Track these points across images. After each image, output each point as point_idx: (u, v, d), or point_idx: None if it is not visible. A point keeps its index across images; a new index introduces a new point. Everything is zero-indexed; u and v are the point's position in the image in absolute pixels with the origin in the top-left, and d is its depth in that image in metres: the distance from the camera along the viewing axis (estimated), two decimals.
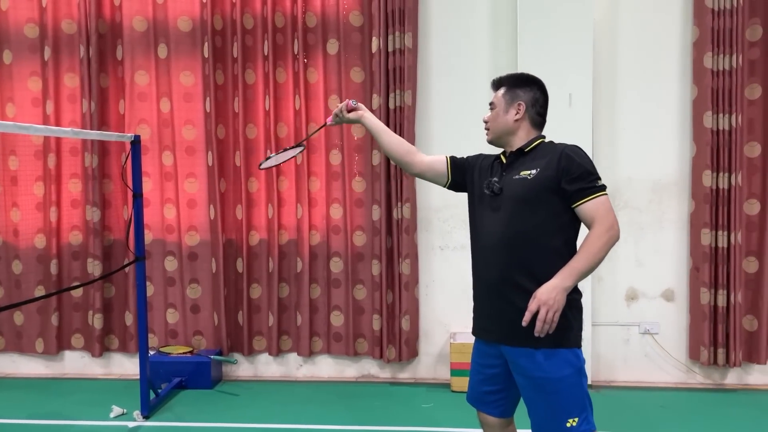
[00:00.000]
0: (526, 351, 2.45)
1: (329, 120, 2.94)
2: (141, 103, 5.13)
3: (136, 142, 4.39)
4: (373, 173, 4.96)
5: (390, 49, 4.83)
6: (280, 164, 3.28)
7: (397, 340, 4.97)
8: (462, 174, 2.79)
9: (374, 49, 4.85)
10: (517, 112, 2.59)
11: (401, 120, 4.84)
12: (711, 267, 4.72)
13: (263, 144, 5.05)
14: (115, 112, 5.18)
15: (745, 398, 4.73)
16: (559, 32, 4.69)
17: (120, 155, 5.13)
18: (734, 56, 4.59)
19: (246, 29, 5.04)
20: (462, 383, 4.77)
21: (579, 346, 2.49)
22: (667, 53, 4.85)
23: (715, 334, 4.75)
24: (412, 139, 4.87)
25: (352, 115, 2.89)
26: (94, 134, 4.47)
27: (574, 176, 2.40)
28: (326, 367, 5.20)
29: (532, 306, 2.32)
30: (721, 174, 4.67)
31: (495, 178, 2.58)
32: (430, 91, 5.00)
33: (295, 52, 4.99)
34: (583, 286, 2.52)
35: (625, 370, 4.99)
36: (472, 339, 4.88)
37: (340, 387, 5.03)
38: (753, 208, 4.77)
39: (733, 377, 4.91)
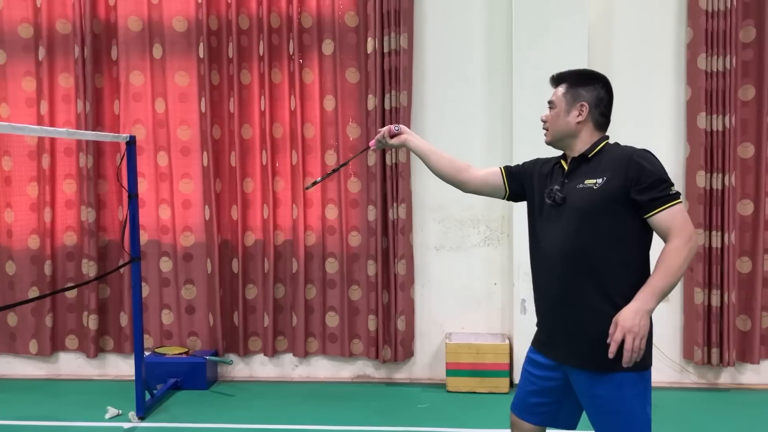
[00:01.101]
0: (597, 374, 2.29)
1: (372, 144, 2.82)
2: (136, 104, 5.12)
3: (131, 143, 4.38)
4: (369, 174, 4.96)
5: (385, 50, 4.84)
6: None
7: (393, 340, 4.98)
8: (520, 183, 2.61)
9: (370, 49, 4.85)
10: (580, 114, 2.40)
11: (397, 120, 4.84)
12: (705, 267, 4.75)
13: (258, 144, 5.05)
14: (110, 113, 5.17)
15: (738, 397, 4.76)
16: (554, 32, 4.71)
17: (115, 155, 5.12)
18: (728, 57, 4.62)
19: (241, 29, 5.04)
20: (457, 383, 4.80)
21: (648, 368, 2.32)
22: (661, 54, 4.87)
23: (709, 334, 4.77)
24: None
25: (395, 141, 2.74)
26: (90, 135, 4.46)
27: (645, 185, 2.22)
28: (322, 368, 5.21)
29: (617, 336, 2.15)
30: (714, 174, 4.70)
31: (557, 186, 2.40)
32: (426, 92, 5.01)
33: (291, 53, 4.99)
34: None
35: None
36: (467, 339, 4.96)
37: (335, 387, 5.03)
38: (746, 208, 4.80)
39: (726, 377, 4.94)
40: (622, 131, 4.87)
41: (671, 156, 4.89)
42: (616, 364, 2.21)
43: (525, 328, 4.83)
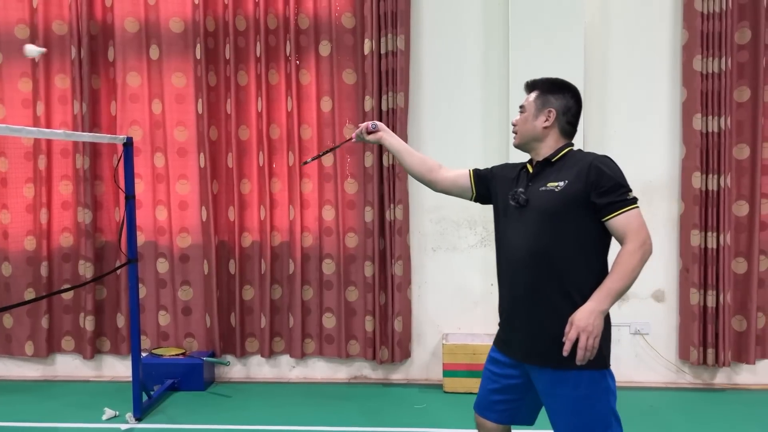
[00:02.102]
0: (555, 372, 2.37)
1: (354, 137, 2.91)
2: (133, 105, 5.12)
3: (128, 144, 4.38)
4: (366, 175, 4.97)
5: (382, 51, 4.84)
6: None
7: (390, 341, 4.98)
8: (486, 186, 2.71)
9: (366, 50, 4.86)
10: (547, 119, 2.49)
11: (394, 122, 4.85)
12: (700, 268, 4.77)
13: (255, 145, 5.05)
14: (106, 114, 5.16)
15: (734, 397, 4.78)
16: (550, 35, 4.72)
17: (111, 157, 5.11)
18: (723, 59, 4.64)
19: (238, 31, 5.04)
20: (454, 384, 4.81)
21: (607, 367, 2.40)
22: (656, 56, 4.89)
23: (705, 335, 4.79)
24: (404, 140, 4.86)
25: (371, 137, 2.85)
26: (87, 136, 4.46)
27: (604, 189, 2.31)
28: (319, 369, 5.21)
29: (571, 334, 2.23)
30: (710, 176, 4.71)
31: (521, 189, 2.48)
32: (423, 93, 5.02)
33: (288, 54, 4.99)
34: None
35: (615, 370, 4.91)
36: (464, 340, 4.96)
37: (332, 388, 5.04)
38: (742, 209, 4.82)
39: (722, 377, 4.96)
40: (619, 133, 4.94)
41: (667, 157, 4.91)
42: (575, 362, 2.27)
43: None
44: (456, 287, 5.07)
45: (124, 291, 5.11)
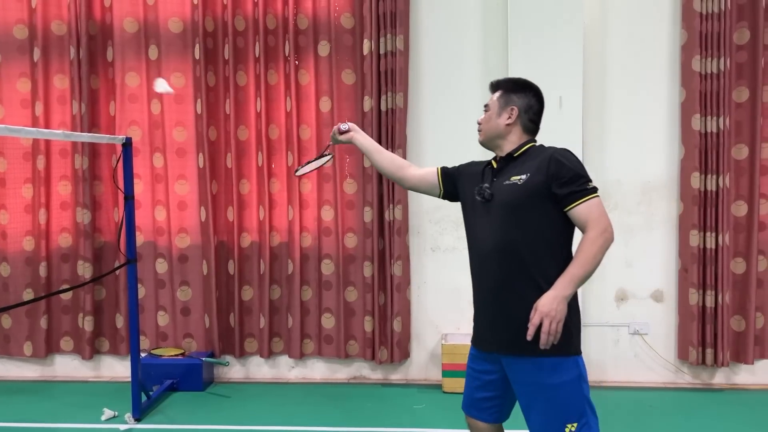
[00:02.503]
0: (524, 360, 2.43)
1: (330, 143, 3.05)
2: (131, 105, 5.12)
3: (127, 145, 4.38)
4: (365, 175, 4.97)
5: (381, 51, 4.84)
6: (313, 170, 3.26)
7: (389, 341, 4.98)
8: (453, 183, 2.80)
9: (366, 51, 4.86)
10: (509, 117, 2.59)
11: (393, 122, 4.85)
12: (699, 268, 4.77)
13: (254, 146, 5.05)
14: (105, 114, 5.16)
15: (732, 398, 4.78)
16: (550, 35, 4.73)
17: (110, 157, 5.11)
18: (722, 59, 4.64)
19: (237, 31, 5.04)
20: (453, 384, 4.81)
21: (579, 353, 2.47)
22: (655, 56, 4.89)
23: (704, 335, 4.80)
24: (403, 141, 4.89)
25: (343, 138, 2.96)
26: (86, 137, 4.46)
27: (563, 180, 2.39)
28: (318, 369, 5.21)
29: (534, 320, 2.30)
30: (709, 176, 4.72)
31: (486, 184, 2.57)
32: (422, 93, 5.02)
33: (287, 54, 4.99)
34: None
35: (615, 370, 5.03)
36: (463, 340, 4.96)
37: (331, 388, 5.04)
38: (740, 209, 4.83)
39: (721, 377, 4.96)
40: (618, 133, 4.94)
41: (666, 157, 4.91)
42: (550, 351, 2.34)
43: None
44: (455, 288, 5.06)
45: (123, 291, 5.11)
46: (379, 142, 4.89)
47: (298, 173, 3.16)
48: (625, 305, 4.99)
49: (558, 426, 2.41)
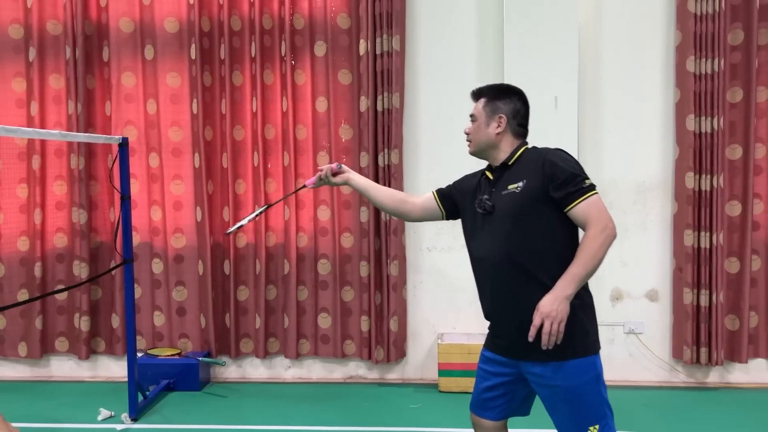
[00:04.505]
0: (543, 365, 2.43)
1: (309, 183, 2.92)
2: (127, 105, 5.11)
3: (124, 145, 4.37)
4: (361, 174, 4.96)
5: (378, 52, 4.85)
6: (243, 225, 3.14)
7: (386, 341, 4.99)
8: (452, 201, 2.78)
9: (362, 51, 4.87)
10: (499, 125, 2.57)
11: (389, 122, 4.86)
12: (694, 267, 4.80)
13: (250, 146, 5.05)
14: (101, 114, 5.15)
15: (726, 396, 4.81)
16: (545, 36, 4.75)
17: (106, 157, 5.10)
18: (716, 60, 4.67)
19: (233, 31, 5.04)
20: (450, 383, 4.83)
21: (596, 352, 2.47)
22: (650, 57, 4.92)
23: (698, 334, 4.82)
24: (399, 142, 4.90)
25: (338, 179, 2.90)
26: (83, 137, 4.45)
27: (560, 182, 2.38)
28: (314, 369, 5.21)
29: (535, 321, 2.31)
30: (703, 176, 4.75)
31: (485, 196, 2.55)
32: (418, 94, 5.03)
33: (283, 54, 4.99)
34: None
35: (609, 369, 4.93)
36: (459, 340, 4.98)
37: (328, 388, 5.04)
38: (734, 209, 4.86)
39: (715, 376, 4.99)
40: (613, 133, 4.97)
41: (660, 157, 4.94)
42: (565, 353, 2.36)
43: None
44: (451, 287, 5.08)
45: (119, 291, 5.10)
46: (376, 143, 4.91)
47: (228, 233, 3.07)
48: (621, 305, 5.02)
49: (581, 428, 2.42)
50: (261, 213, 3.10)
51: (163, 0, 5.02)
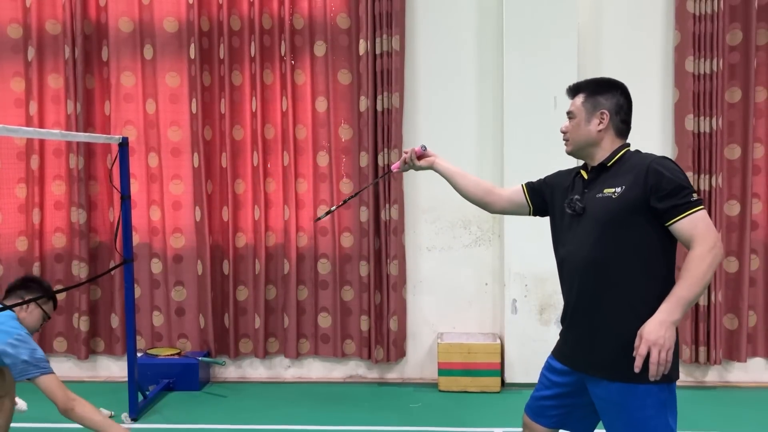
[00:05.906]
0: (612, 384, 2.29)
1: (395, 167, 2.81)
2: (127, 105, 5.10)
3: (123, 144, 4.37)
4: (361, 175, 4.98)
5: (377, 52, 4.85)
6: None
7: (385, 340, 5.00)
8: (542, 198, 2.65)
9: (362, 51, 4.87)
10: (601, 122, 2.41)
11: (389, 122, 4.87)
12: None
13: (250, 145, 5.05)
14: (100, 113, 5.15)
15: (725, 395, 4.83)
16: (544, 36, 4.75)
17: (105, 156, 5.10)
18: (715, 60, 4.68)
19: (233, 30, 5.03)
20: (449, 383, 4.84)
21: (673, 380, 2.28)
22: (649, 57, 4.93)
23: (697, 333, 4.84)
24: (399, 142, 4.90)
25: (423, 163, 2.77)
26: (83, 136, 4.45)
27: (664, 193, 2.20)
28: (314, 369, 5.21)
29: (641, 349, 2.12)
30: (702, 176, 4.76)
31: (577, 196, 2.40)
32: (418, 94, 5.04)
33: (282, 54, 4.99)
34: None
35: None
36: (458, 339, 4.98)
37: (328, 388, 5.04)
38: (733, 209, 4.87)
39: (714, 375, 5.00)
40: None
41: None
42: (638, 376, 2.18)
43: (516, 327, 4.87)
44: (451, 287, 5.09)
45: (118, 291, 5.09)
46: (375, 143, 4.91)
47: (318, 219, 3.05)
48: None
49: None
50: (350, 200, 2.99)
51: (162, 0, 5.02)
